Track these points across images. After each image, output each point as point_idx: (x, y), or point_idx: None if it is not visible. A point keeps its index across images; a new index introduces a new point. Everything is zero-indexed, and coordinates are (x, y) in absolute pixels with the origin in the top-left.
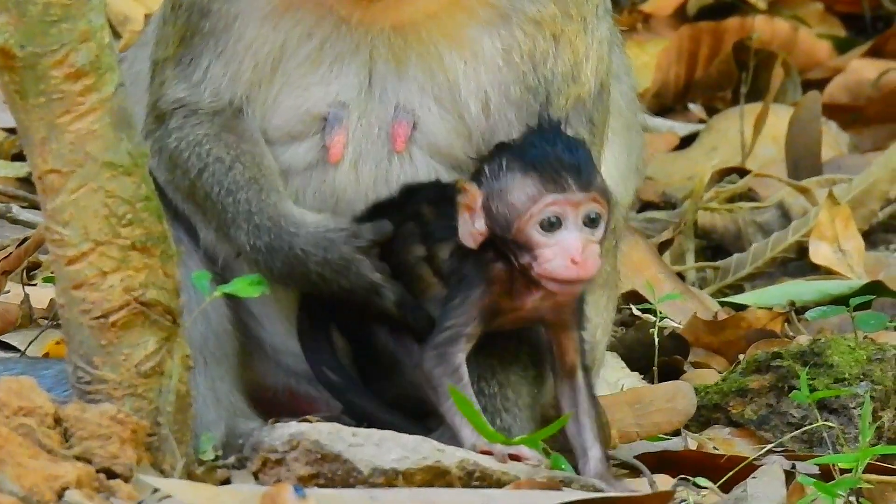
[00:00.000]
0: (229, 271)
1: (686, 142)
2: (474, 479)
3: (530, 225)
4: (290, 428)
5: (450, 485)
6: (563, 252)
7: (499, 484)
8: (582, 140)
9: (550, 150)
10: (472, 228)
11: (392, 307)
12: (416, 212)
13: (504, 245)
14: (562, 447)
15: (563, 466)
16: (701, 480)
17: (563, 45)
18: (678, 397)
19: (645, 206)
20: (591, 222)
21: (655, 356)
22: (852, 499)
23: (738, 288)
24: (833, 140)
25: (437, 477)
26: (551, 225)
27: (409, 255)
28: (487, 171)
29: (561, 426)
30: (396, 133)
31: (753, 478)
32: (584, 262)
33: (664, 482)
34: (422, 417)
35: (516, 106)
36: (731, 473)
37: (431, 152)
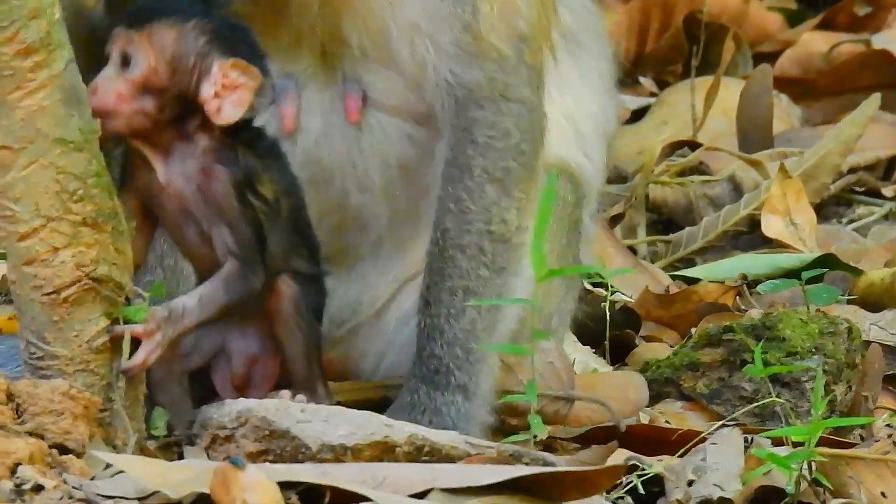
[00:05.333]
0: None
1: (637, 115)
2: (423, 454)
3: None
4: (238, 404)
5: (398, 460)
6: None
7: (448, 459)
8: None
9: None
10: None
11: None
12: None
13: None
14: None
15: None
16: (647, 459)
17: None
18: (630, 388)
19: None
20: (123, 61)
21: (607, 330)
22: (806, 472)
23: (689, 262)
24: (784, 113)
25: (385, 452)
26: (107, 60)
27: None
28: None
29: None
30: (348, 104)
31: (713, 444)
32: (95, 95)
33: (616, 456)
34: None
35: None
36: (685, 448)
37: (390, 113)
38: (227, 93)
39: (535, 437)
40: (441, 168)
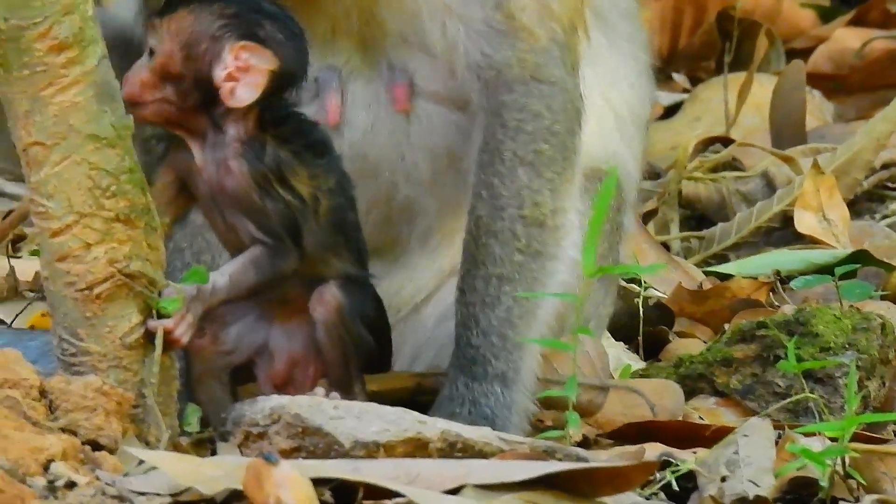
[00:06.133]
0: None
1: (670, 112)
2: (456, 450)
3: None
4: (271, 401)
5: (431, 456)
6: None
7: (481, 455)
8: None
9: None
10: None
11: None
12: None
13: None
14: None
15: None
16: (680, 452)
17: None
18: (666, 396)
19: None
20: (151, 50)
21: (640, 326)
22: (839, 467)
23: (722, 258)
24: (817, 109)
25: (418, 448)
26: None
27: None
28: None
29: None
30: (396, 94)
31: (744, 436)
32: (125, 84)
33: (650, 452)
34: None
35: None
36: (718, 445)
37: (437, 101)
38: (240, 75)
39: (569, 433)
40: (475, 154)
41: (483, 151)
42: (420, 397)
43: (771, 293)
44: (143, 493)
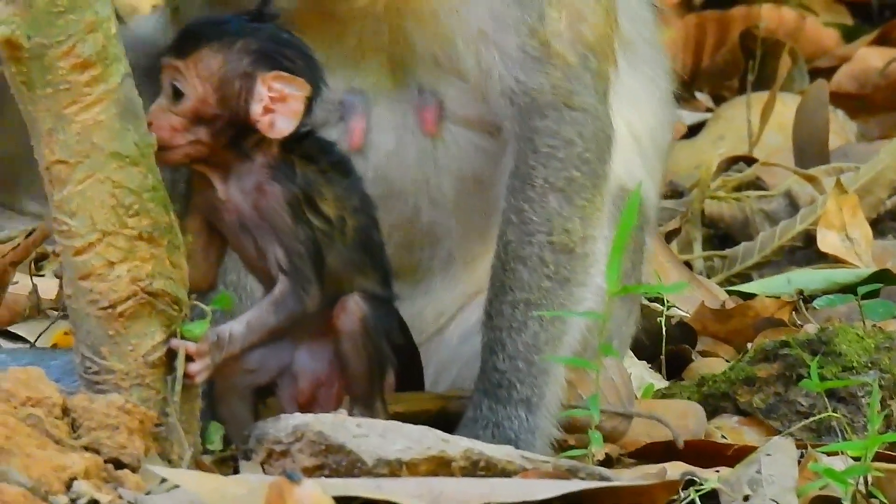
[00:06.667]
0: None
1: (693, 131)
2: (479, 468)
3: None
4: (295, 419)
5: (454, 475)
6: None
7: (504, 473)
8: (252, 28)
9: (199, 20)
10: None
11: None
12: None
13: None
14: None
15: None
16: (703, 471)
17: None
18: (689, 416)
19: None
20: (174, 93)
21: (663, 345)
22: (862, 487)
23: (745, 276)
24: (840, 128)
25: (441, 466)
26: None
27: None
28: None
29: None
30: (425, 117)
31: (767, 455)
32: (150, 129)
33: (673, 470)
34: None
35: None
36: (741, 464)
37: (465, 125)
38: (277, 106)
39: (592, 452)
40: (505, 179)
41: (514, 177)
42: (444, 417)
43: (794, 312)
44: None
